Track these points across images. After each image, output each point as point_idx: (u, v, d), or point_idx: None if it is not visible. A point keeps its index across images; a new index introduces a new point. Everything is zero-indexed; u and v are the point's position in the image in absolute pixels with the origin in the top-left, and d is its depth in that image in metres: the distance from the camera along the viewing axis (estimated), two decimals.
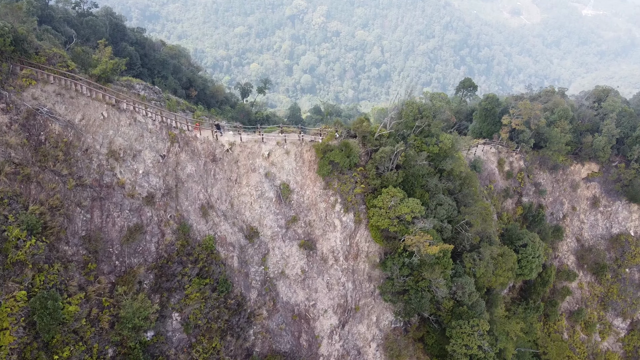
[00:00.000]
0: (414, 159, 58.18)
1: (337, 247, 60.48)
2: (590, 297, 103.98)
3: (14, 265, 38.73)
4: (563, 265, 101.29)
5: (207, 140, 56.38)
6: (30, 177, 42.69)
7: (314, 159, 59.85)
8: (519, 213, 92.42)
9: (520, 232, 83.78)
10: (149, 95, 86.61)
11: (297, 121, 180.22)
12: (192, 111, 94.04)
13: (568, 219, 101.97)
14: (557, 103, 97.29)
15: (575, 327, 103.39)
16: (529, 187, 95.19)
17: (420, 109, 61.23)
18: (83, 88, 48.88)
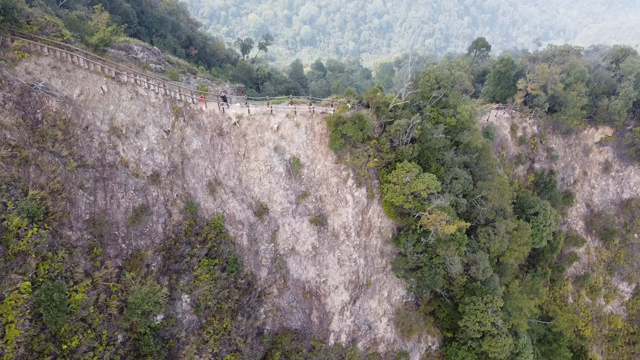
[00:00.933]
0: (431, 133, 55.36)
1: (348, 222, 58.58)
2: (597, 262, 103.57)
3: (16, 256, 36.70)
4: (572, 231, 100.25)
5: (213, 113, 53.33)
6: (28, 159, 40.03)
7: (325, 131, 57.00)
8: (530, 180, 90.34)
9: (531, 201, 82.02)
10: (148, 57, 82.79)
11: (299, 77, 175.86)
12: (194, 73, 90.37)
13: (579, 184, 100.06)
14: (573, 64, 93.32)
15: (581, 292, 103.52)
16: (542, 153, 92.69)
17: (438, 78, 57.81)
18: (80, 60, 45.42)
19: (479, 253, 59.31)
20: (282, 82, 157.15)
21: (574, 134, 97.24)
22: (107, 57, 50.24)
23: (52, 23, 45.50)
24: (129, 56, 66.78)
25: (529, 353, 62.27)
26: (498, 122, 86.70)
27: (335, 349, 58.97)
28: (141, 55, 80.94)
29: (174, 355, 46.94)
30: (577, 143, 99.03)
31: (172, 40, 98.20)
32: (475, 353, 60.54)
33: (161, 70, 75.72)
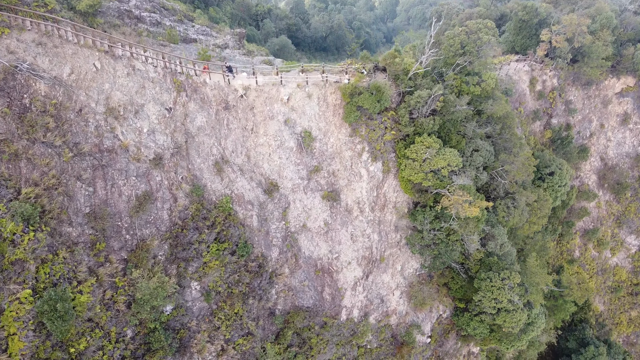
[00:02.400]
0: (453, 105, 51.08)
1: (362, 197, 55.64)
2: (607, 215, 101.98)
3: (13, 264, 33.97)
4: (583, 185, 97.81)
5: (217, 85, 48.73)
6: (18, 154, 36.34)
7: (339, 102, 52.66)
8: (547, 137, 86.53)
9: (548, 159, 78.84)
10: (141, 4, 76.37)
11: (301, 12, 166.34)
12: (191, 20, 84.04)
13: (595, 137, 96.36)
14: (599, 9, 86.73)
15: (588, 245, 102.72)
16: (560, 107, 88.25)
17: (463, 43, 52.57)
18: (68, 33, 40.37)
19: (497, 228, 56.94)
20: (282, 17, 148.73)
21: (594, 85, 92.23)
22: (99, 24, 45.01)
23: None
24: (122, 16, 61.03)
25: (541, 322, 61.55)
26: (517, 76, 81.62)
27: (347, 324, 58.02)
28: (134, 2, 74.51)
29: (186, 345, 45.60)
30: (596, 94, 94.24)
31: None
32: (488, 324, 59.74)
33: (157, 22, 69.83)
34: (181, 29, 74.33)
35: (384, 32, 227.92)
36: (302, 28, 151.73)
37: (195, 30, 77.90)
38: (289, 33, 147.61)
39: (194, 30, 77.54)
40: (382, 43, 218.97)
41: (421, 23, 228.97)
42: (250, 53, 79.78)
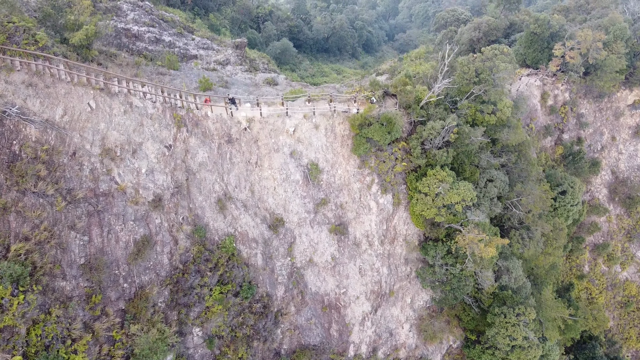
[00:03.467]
0: (468, 136, 48.47)
1: (372, 230, 53.20)
2: (617, 229, 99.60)
3: (2, 331, 31.53)
4: (594, 200, 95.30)
5: (220, 118, 46.11)
6: (7, 207, 33.76)
7: (347, 133, 50.07)
8: (558, 153, 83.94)
9: (560, 177, 76.44)
10: (139, 17, 73.94)
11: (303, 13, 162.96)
12: (191, 32, 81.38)
13: (606, 150, 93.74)
14: (613, 20, 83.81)
15: (598, 260, 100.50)
16: (571, 121, 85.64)
17: (478, 70, 49.83)
18: (60, 71, 37.68)
19: (512, 260, 54.55)
20: (284, 19, 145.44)
21: (606, 97, 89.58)
22: (94, 56, 42.28)
23: (22, 27, 37.19)
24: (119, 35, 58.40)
25: (555, 355, 59.35)
26: (528, 91, 78.94)
27: None
28: (132, 15, 71.88)
29: None
30: (608, 107, 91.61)
31: None
32: (501, 359, 57.50)
33: (156, 39, 67.14)
34: (181, 43, 71.68)
35: (386, 30, 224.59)
36: (304, 30, 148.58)
37: (196, 44, 75.15)
38: (290, 35, 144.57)
39: (194, 44, 74.79)
40: (384, 41, 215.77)
41: (423, 21, 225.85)
42: (252, 69, 77.03)
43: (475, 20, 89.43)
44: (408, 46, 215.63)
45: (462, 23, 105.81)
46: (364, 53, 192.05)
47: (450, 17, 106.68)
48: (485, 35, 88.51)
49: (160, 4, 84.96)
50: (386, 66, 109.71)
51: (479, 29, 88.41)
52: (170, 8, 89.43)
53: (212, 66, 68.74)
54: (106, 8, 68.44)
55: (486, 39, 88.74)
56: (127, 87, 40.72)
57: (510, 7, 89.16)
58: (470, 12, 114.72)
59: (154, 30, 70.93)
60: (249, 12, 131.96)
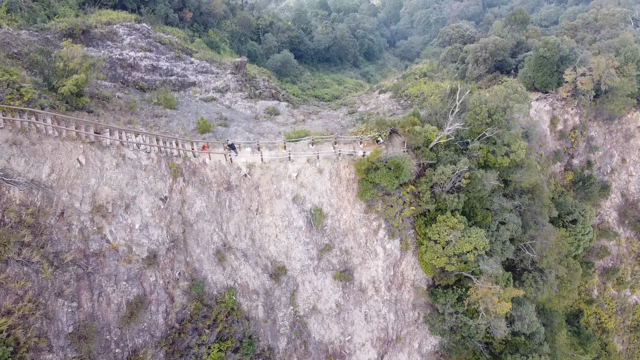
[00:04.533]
0: (481, 182, 45.94)
1: (378, 276, 50.70)
2: (627, 253, 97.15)
3: None
4: (603, 223, 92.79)
5: (218, 165, 43.60)
6: None
7: (353, 176, 47.56)
8: (568, 179, 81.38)
9: (570, 205, 74.04)
10: (136, 41, 71.55)
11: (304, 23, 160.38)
12: (190, 54, 78.96)
13: (616, 173, 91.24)
14: (624, 41, 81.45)
15: (607, 284, 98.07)
16: (581, 145, 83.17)
17: (490, 111, 47.27)
18: (48, 126, 35.16)
19: (525, 306, 52.05)
20: (284, 30, 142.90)
21: (616, 119, 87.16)
22: (85, 103, 39.74)
23: (5, 81, 34.67)
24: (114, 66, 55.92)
25: None
26: (537, 116, 76.41)
27: None
28: (128, 40, 69.49)
29: None
30: (618, 129, 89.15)
31: (162, 8, 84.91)
32: None
33: (152, 67, 64.65)
34: (179, 69, 69.26)
35: (387, 37, 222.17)
36: (305, 40, 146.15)
37: (194, 68, 72.70)
38: (291, 46, 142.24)
39: (192, 68, 72.34)
40: (386, 48, 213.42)
41: (425, 27, 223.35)
42: (253, 94, 74.56)
43: (482, 40, 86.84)
44: (409, 53, 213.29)
45: (467, 39, 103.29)
46: (365, 61, 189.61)
47: (455, 34, 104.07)
48: (492, 55, 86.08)
49: (158, 24, 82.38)
50: (389, 83, 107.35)
51: (485, 48, 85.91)
52: (168, 27, 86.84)
53: (211, 94, 66.26)
54: (101, 34, 66.07)
55: (493, 59, 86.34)
56: (119, 139, 38.19)
57: (518, 28, 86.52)
58: (475, 28, 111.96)
59: (151, 55, 68.50)
60: (249, 24, 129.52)
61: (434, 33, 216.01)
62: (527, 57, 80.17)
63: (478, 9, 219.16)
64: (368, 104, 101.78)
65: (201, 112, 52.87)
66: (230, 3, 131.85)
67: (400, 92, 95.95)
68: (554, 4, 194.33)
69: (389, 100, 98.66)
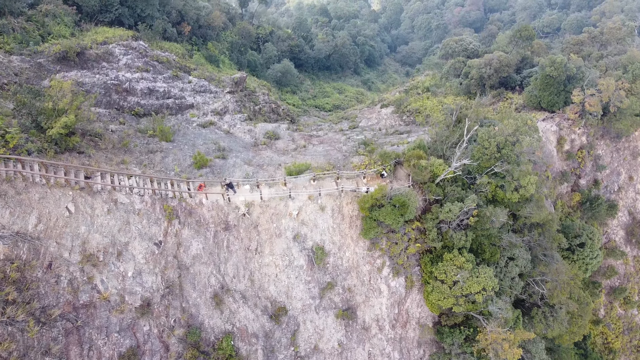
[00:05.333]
0: (489, 220, 44.01)
1: (382, 314, 48.80)
2: (634, 272, 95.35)
3: None
4: (611, 242, 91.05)
5: (216, 205, 41.69)
6: None
7: (356, 213, 45.67)
8: (575, 200, 79.52)
9: (578, 228, 72.32)
10: (132, 61, 69.74)
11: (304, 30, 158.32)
12: (188, 72, 77.19)
13: (623, 191, 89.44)
14: (632, 58, 79.84)
15: (614, 303, 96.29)
16: (588, 164, 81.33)
17: (499, 145, 45.34)
18: (35, 174, 33.25)
19: (535, 344, 50.12)
20: (285, 39, 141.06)
21: (623, 137, 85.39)
22: (76, 143, 37.83)
23: None
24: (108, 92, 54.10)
25: None
26: (544, 137, 74.49)
27: None
28: (124, 60, 67.65)
29: None
30: (626, 146, 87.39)
31: (160, 23, 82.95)
32: None
33: (149, 91, 62.78)
34: (176, 90, 67.40)
35: (388, 42, 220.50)
36: (305, 49, 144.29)
37: (192, 87, 70.81)
38: (291, 55, 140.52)
39: (190, 88, 70.44)
40: (387, 54, 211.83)
41: (426, 33, 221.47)
42: (252, 114, 72.72)
43: (486, 56, 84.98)
44: (410, 58, 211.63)
45: (470, 53, 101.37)
46: (366, 68, 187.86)
47: (458, 47, 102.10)
48: (497, 72, 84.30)
49: (155, 40, 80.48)
50: (392, 97, 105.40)
51: (489, 65, 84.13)
52: (166, 43, 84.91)
53: (209, 118, 64.37)
54: (96, 55, 64.15)
55: (497, 75, 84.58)
56: (111, 183, 36.27)
57: (524, 44, 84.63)
58: (478, 42, 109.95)
59: (148, 76, 66.69)
60: (249, 34, 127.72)
61: (435, 39, 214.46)
62: (533, 75, 78.32)
63: (479, 15, 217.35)
64: (370, 119, 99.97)
65: (198, 142, 50.92)
66: (230, 12, 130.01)
67: (402, 107, 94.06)
68: (557, 10, 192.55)
69: (391, 115, 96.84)
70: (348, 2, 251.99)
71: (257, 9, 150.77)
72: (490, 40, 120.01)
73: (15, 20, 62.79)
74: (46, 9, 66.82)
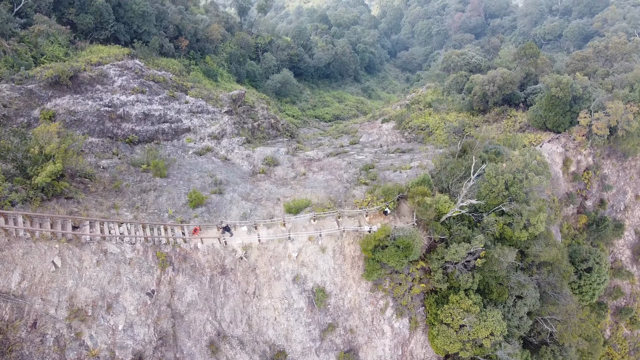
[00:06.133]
0: (498, 262, 42.16)
1: (385, 356, 46.89)
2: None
3: None
4: (617, 262, 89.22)
5: (212, 249, 39.81)
6: None
7: (358, 254, 43.79)
8: (581, 222, 77.66)
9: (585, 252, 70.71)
10: (127, 82, 67.91)
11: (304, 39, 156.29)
12: (185, 91, 75.28)
13: (629, 210, 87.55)
14: (638, 76, 77.90)
15: (620, 323, 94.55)
16: (594, 186, 79.50)
17: (507, 182, 43.47)
18: (19, 229, 31.35)
19: None
20: (284, 48, 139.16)
21: (630, 156, 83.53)
22: (64, 188, 35.94)
23: None
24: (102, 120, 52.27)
25: None
26: (550, 159, 72.66)
27: None
28: (119, 82, 65.87)
29: None
30: (632, 165, 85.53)
31: (156, 40, 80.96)
32: None
33: (144, 115, 60.90)
34: (173, 112, 65.50)
35: (388, 48, 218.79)
36: (305, 58, 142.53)
37: (189, 108, 68.93)
38: (290, 64, 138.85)
39: (187, 109, 68.56)
40: (387, 60, 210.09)
41: (426, 39, 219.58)
42: (251, 139, 70.73)
43: (489, 73, 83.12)
44: (411, 64, 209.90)
45: (473, 67, 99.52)
46: (366, 74, 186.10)
47: (460, 61, 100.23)
48: (500, 89, 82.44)
49: (152, 57, 78.57)
50: (393, 112, 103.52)
51: (493, 82, 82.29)
52: (163, 59, 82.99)
53: (206, 143, 62.55)
54: (90, 78, 62.28)
55: (501, 92, 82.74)
56: (100, 233, 34.36)
57: (528, 62, 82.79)
58: (481, 55, 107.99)
59: (143, 97, 64.89)
60: (248, 44, 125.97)
61: (435, 45, 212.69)
62: (538, 95, 76.38)
63: (480, 20, 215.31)
64: (371, 134, 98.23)
65: (194, 176, 48.96)
66: (228, 22, 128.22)
67: (404, 123, 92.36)
68: (558, 16, 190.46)
69: (393, 131, 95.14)
70: (348, 8, 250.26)
71: (256, 18, 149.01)
72: (493, 52, 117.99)
73: (7, 42, 60.90)
74: (39, 30, 64.87)
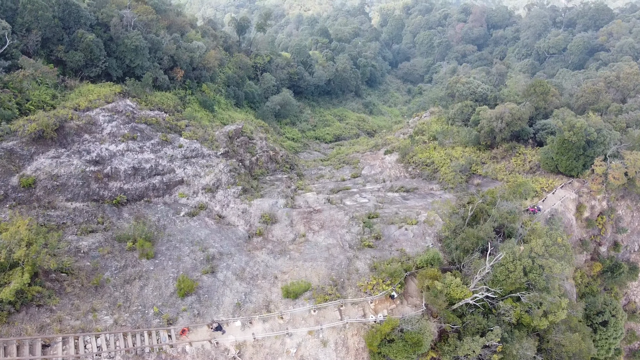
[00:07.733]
0: (517, 358, 38.50)
1: None
2: None
3: None
4: (630, 304, 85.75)
5: (202, 351, 36.08)
6: None
7: (362, 345, 40.12)
8: (596, 270, 74.07)
9: (600, 304, 67.56)
10: (118, 128, 64.48)
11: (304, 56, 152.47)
12: (179, 132, 71.68)
13: None
14: None
15: None
16: (609, 231, 75.88)
17: (526, 268, 39.79)
18: None
19: None
20: (283, 66, 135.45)
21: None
22: (36, 293, 32.25)
23: None
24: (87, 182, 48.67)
25: None
26: (563, 206, 69.05)
27: None
28: (109, 129, 62.40)
29: None
30: None
31: (150, 75, 77.10)
32: None
33: (134, 170, 57.31)
34: (165, 161, 61.94)
35: (389, 59, 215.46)
36: (305, 76, 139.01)
37: (183, 153, 65.30)
38: (290, 83, 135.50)
39: (181, 154, 64.91)
40: (388, 71, 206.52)
41: (428, 49, 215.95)
42: (248, 185, 67.01)
43: (498, 108, 79.44)
44: (412, 75, 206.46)
45: (479, 97, 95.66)
46: (368, 88, 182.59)
47: (466, 90, 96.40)
48: (509, 125, 78.81)
49: (145, 93, 74.89)
50: (396, 142, 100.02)
51: (501, 118, 78.66)
52: (157, 93, 79.34)
53: (200, 199, 59.03)
54: (78, 127, 58.72)
55: (509, 129, 79.08)
56: (75, 351, 30.67)
57: (538, 99, 79.13)
58: (486, 82, 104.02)
59: (134, 145, 61.46)
60: (246, 65, 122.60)
61: (437, 56, 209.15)
62: (549, 138, 72.45)
63: (482, 31, 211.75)
64: (373, 166, 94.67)
65: (184, 251, 45.25)
66: (227, 42, 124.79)
67: (407, 157, 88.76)
68: (562, 28, 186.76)
69: (396, 165, 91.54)
70: (348, 18, 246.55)
71: (255, 36, 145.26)
72: (499, 80, 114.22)
73: None
74: (24, 74, 61.20)
